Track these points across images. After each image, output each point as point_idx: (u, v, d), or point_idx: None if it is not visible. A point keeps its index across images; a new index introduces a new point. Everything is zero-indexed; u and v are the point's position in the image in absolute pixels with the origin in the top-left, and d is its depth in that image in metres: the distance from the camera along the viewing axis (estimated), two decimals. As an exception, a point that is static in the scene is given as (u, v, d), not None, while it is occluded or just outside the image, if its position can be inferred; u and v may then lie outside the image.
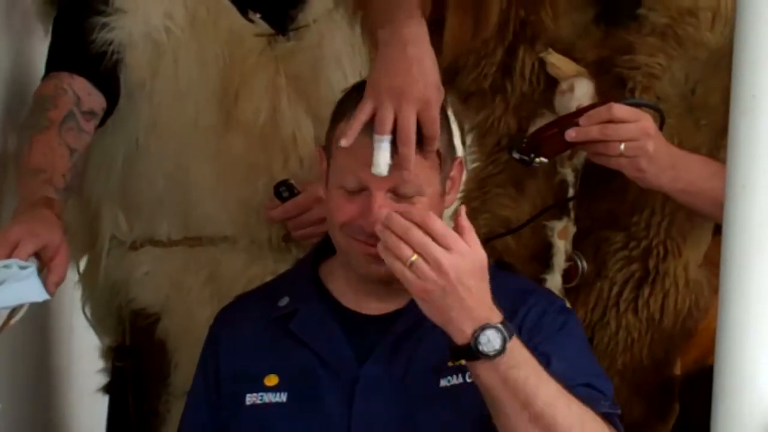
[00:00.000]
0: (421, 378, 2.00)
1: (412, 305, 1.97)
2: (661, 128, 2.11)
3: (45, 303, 1.95)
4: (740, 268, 1.71)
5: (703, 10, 2.17)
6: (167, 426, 2.52)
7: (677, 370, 2.29)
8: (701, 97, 2.19)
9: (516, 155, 2.19)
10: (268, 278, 2.33)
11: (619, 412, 1.98)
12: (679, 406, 2.29)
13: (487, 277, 1.85)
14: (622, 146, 2.07)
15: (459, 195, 2.43)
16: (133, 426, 2.59)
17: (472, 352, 1.82)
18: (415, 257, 1.81)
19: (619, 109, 2.08)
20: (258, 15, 2.46)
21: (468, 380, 1.95)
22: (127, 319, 2.57)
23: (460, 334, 1.83)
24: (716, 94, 2.15)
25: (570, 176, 2.25)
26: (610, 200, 2.25)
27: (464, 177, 2.43)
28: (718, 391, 1.74)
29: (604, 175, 2.19)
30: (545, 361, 1.91)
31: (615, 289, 2.25)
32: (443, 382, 1.99)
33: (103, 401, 2.69)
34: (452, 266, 1.81)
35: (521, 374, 1.83)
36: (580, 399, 1.88)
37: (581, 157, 2.23)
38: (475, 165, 2.44)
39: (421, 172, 1.98)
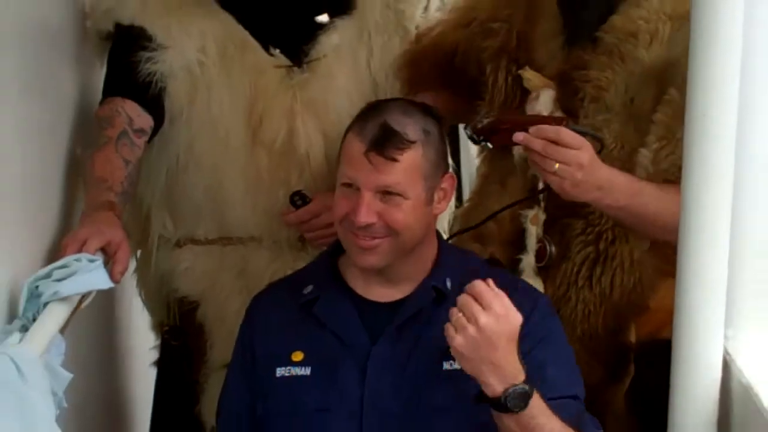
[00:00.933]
0: (424, 359, 2.13)
1: (415, 294, 2.19)
2: (599, 153, 2.21)
3: (109, 290, 2.07)
4: (695, 262, 1.88)
5: (643, 33, 2.32)
6: (206, 393, 2.71)
7: (632, 338, 2.42)
8: (638, 106, 2.32)
9: (468, 132, 2.32)
10: (289, 272, 2.47)
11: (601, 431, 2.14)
12: (635, 369, 2.42)
13: (516, 337, 1.99)
14: (557, 166, 2.16)
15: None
16: (183, 394, 2.76)
17: (501, 406, 1.98)
18: None
19: (566, 135, 2.16)
20: (278, 50, 2.63)
21: None
22: (173, 304, 2.74)
23: (491, 388, 1.98)
24: (648, 103, 2.31)
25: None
26: None
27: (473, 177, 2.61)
28: (676, 363, 1.91)
29: None
30: (540, 366, 2.07)
31: (575, 268, 2.40)
32: (446, 365, 2.12)
33: (153, 372, 2.89)
34: (487, 325, 1.95)
35: (539, 422, 2.00)
36: (569, 419, 2.04)
37: None
38: (480, 163, 2.65)
39: (405, 176, 2.11)
